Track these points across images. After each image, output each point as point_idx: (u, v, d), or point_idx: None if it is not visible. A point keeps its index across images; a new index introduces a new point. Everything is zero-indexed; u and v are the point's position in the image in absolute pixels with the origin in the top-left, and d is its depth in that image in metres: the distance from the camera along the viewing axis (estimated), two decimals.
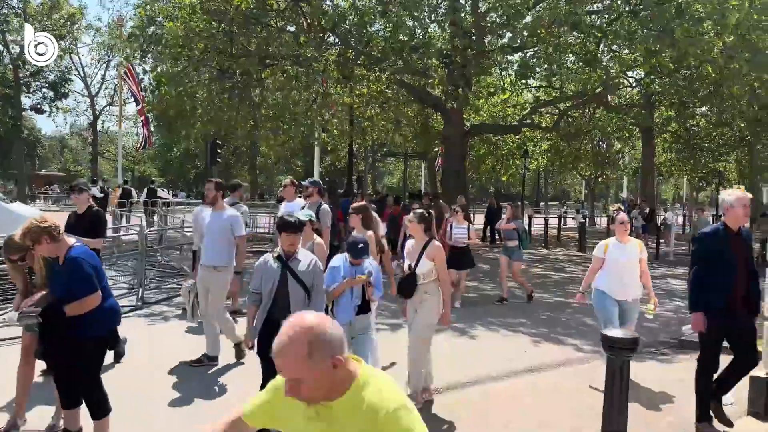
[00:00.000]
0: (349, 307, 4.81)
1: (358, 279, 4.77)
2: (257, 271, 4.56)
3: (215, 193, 6.37)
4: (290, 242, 4.44)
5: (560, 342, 7.95)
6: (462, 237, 9.70)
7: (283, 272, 4.42)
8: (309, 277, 4.42)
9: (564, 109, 20.24)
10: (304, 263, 4.47)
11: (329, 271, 4.90)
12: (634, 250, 6.30)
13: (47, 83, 41.26)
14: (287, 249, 4.46)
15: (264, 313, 4.46)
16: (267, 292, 4.45)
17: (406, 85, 19.93)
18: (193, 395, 5.54)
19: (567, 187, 75.88)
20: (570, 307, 10.34)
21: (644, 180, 30.23)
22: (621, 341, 3.87)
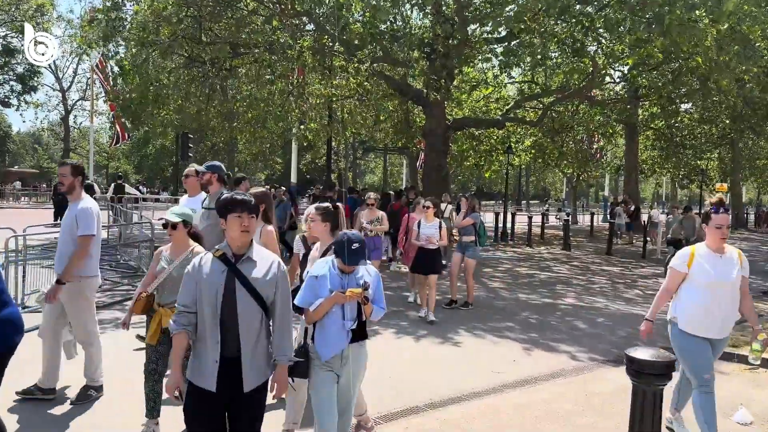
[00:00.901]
0: (339, 333, 3.44)
1: (352, 293, 3.39)
2: (187, 278, 3.11)
3: (72, 180, 5.00)
4: (243, 231, 3.05)
5: (552, 349, 7.25)
6: (432, 237, 8.43)
7: (229, 280, 3.01)
8: (269, 286, 3.07)
9: (548, 104, 19.61)
10: (262, 266, 3.08)
11: (308, 283, 3.55)
12: (733, 264, 4.33)
13: (15, 75, 39.75)
14: (236, 244, 3.08)
15: (203, 343, 3.03)
16: (207, 312, 3.00)
17: (386, 77, 19.16)
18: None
19: (548, 185, 75.69)
20: (559, 309, 9.69)
21: (628, 177, 29.87)
22: (653, 365, 3.08)
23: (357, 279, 3.50)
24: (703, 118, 27.23)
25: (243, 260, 3.06)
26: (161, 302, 4.26)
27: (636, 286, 12.57)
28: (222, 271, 3.02)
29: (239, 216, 3.01)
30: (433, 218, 8.60)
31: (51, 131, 56.86)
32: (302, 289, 3.55)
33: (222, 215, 3.07)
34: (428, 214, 8.61)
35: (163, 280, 4.24)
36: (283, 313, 3.11)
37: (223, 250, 3.09)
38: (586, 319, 9.03)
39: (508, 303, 9.92)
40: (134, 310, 4.29)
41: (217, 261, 3.07)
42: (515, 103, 20.54)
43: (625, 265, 16.17)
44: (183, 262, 4.14)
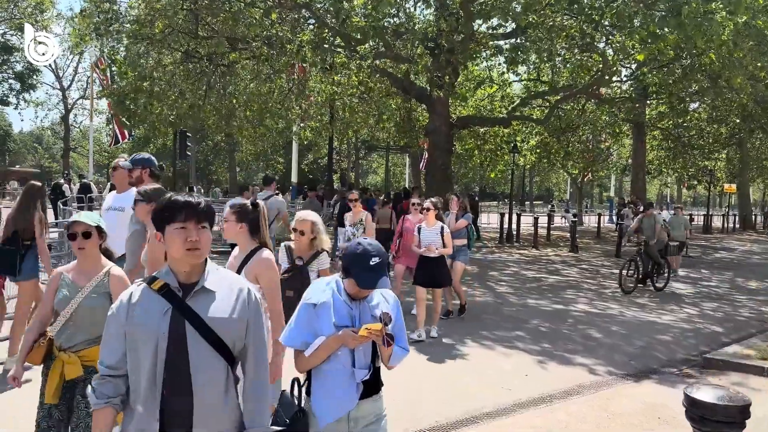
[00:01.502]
0: (346, 387, 2.47)
1: (369, 331, 2.39)
2: (112, 325, 2.12)
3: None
4: (190, 249, 2.08)
5: (567, 361, 6.71)
6: (434, 243, 7.41)
7: (175, 324, 2.05)
8: (235, 327, 2.12)
9: (555, 102, 19.05)
10: (224, 298, 2.13)
11: (302, 313, 2.54)
12: None
13: (14, 74, 39.30)
14: (182, 269, 2.12)
15: (137, 419, 2.07)
16: (144, 372, 2.04)
17: (388, 75, 18.63)
18: None
19: (552, 186, 75.08)
20: (571, 316, 9.15)
21: (635, 178, 29.29)
22: (725, 411, 2.45)
23: (372, 308, 2.51)
24: (711, 117, 26.68)
25: (195, 292, 2.08)
26: (64, 346, 3.11)
27: (647, 289, 12.01)
28: (164, 311, 2.04)
29: (183, 227, 2.04)
30: (434, 222, 7.56)
31: (51, 130, 56.52)
32: (293, 321, 2.57)
33: (159, 227, 2.10)
34: (429, 217, 7.55)
35: (69, 316, 3.11)
36: (258, 364, 2.16)
37: (163, 279, 2.08)
38: (600, 327, 8.49)
39: (517, 309, 9.38)
40: (30, 360, 3.16)
41: (155, 296, 2.06)
42: (521, 101, 20.00)
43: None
44: (97, 288, 3.13)
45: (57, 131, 53.92)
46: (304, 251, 4.54)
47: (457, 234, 8.37)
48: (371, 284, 2.43)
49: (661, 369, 6.73)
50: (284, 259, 4.51)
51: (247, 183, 9.01)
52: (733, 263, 17.94)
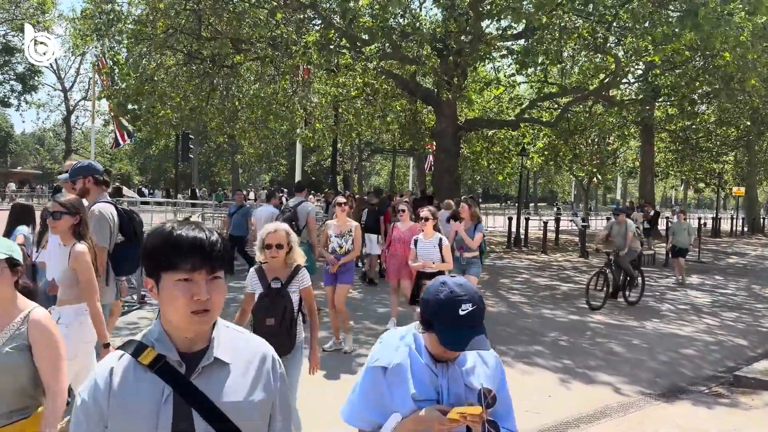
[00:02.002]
0: None
1: (463, 416, 1.75)
2: (81, 420, 1.49)
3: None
4: (197, 311, 1.46)
5: (590, 380, 6.36)
6: (431, 257, 6.70)
7: (179, 413, 1.46)
8: (258, 412, 1.56)
9: (566, 103, 18.71)
10: (241, 372, 1.55)
11: (368, 381, 1.92)
12: None
13: (15, 75, 39.07)
14: (184, 334, 1.51)
15: None
16: None
17: (394, 76, 18.31)
18: None
19: (556, 188, 74.71)
20: (589, 328, 8.79)
21: (643, 180, 28.91)
22: None
23: (465, 374, 1.87)
24: (721, 119, 26.33)
25: (204, 368, 1.50)
26: None
27: (665, 299, 11.66)
28: (162, 397, 1.46)
29: (188, 279, 1.44)
30: (432, 233, 6.86)
31: (53, 132, 56.28)
32: (356, 391, 1.96)
33: (151, 272, 1.48)
34: (426, 227, 6.85)
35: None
36: None
37: (156, 348, 1.49)
38: (621, 340, 8.13)
39: (533, 321, 9.03)
40: None
41: (147, 375, 1.47)
42: (530, 103, 19.65)
43: (649, 275, 15.19)
44: (12, 339, 2.31)
45: (59, 133, 53.66)
46: (279, 270, 3.88)
47: (463, 244, 7.95)
48: (461, 344, 1.75)
49: (689, 387, 6.38)
50: (256, 283, 3.89)
51: (301, 184, 8.79)
52: (747, 269, 17.56)
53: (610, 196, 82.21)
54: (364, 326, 8.28)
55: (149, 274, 1.50)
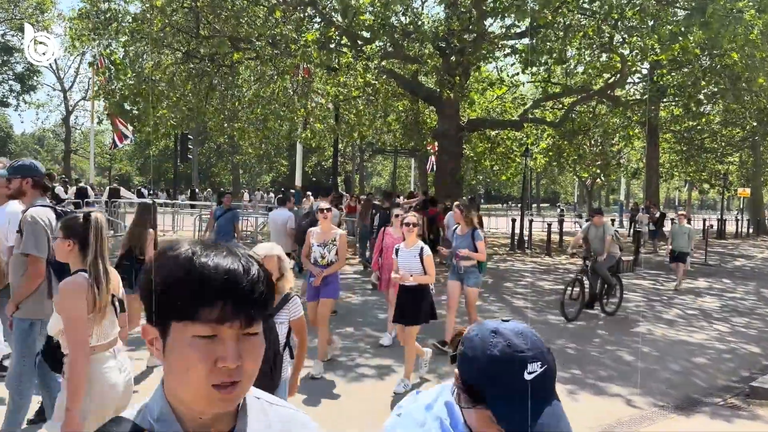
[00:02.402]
0: None
1: None
2: None
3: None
4: (221, 385, 0.96)
5: (600, 391, 6.07)
6: (411, 269, 5.83)
7: None
8: None
9: (571, 104, 18.44)
10: None
11: None
12: None
13: (14, 75, 38.82)
14: (203, 415, 1.00)
15: None
16: None
17: (396, 76, 18.04)
18: None
19: (558, 189, 74.37)
20: (597, 335, 8.50)
21: (648, 181, 28.61)
22: None
23: None
24: (726, 119, 26.04)
25: None
26: None
27: (673, 304, 11.37)
28: None
29: (210, 335, 0.95)
30: (414, 241, 5.93)
31: (53, 132, 56.06)
32: None
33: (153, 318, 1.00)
34: (410, 235, 5.93)
35: None
36: None
37: (155, 430, 1.01)
38: (631, 348, 7.84)
39: (539, 327, 8.67)
40: None
41: None
42: (534, 103, 19.38)
43: (655, 278, 14.94)
44: None
45: (58, 133, 53.45)
46: None
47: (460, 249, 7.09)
48: (527, 424, 1.19)
49: (703, 399, 6.09)
50: None
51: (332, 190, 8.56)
52: (755, 272, 17.26)
53: (612, 197, 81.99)
54: (364, 333, 8.00)
55: (150, 319, 1.00)
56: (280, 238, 8.91)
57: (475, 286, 7.21)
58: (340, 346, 6.92)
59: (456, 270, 7.24)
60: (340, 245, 6.26)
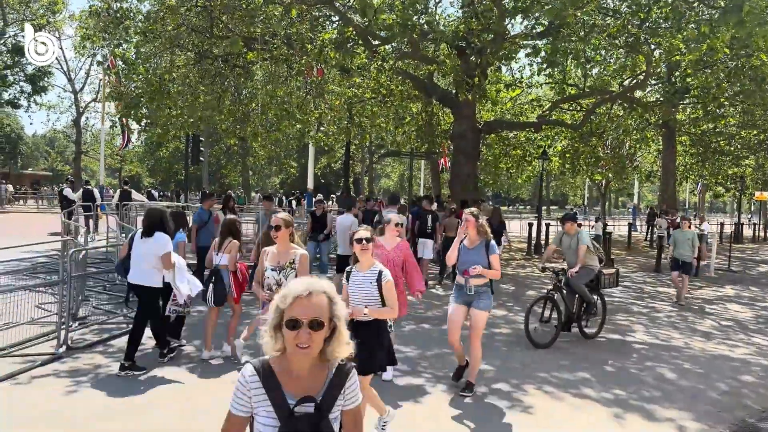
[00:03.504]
0: None
1: None
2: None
3: None
4: None
5: (648, 414, 5.65)
6: (365, 298, 4.45)
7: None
8: None
9: (592, 105, 17.97)
10: None
11: None
12: None
13: (25, 76, 38.71)
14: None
15: None
16: None
17: (410, 77, 17.65)
18: None
19: (568, 191, 73.74)
20: (633, 349, 8.07)
21: (665, 184, 28.07)
22: None
23: None
24: (744, 121, 25.48)
25: None
26: None
27: (706, 314, 10.92)
28: None
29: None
30: (370, 263, 4.54)
31: (63, 134, 56.05)
32: None
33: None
34: (364, 254, 4.52)
35: None
36: None
37: None
38: (672, 364, 7.41)
39: (570, 340, 8.30)
40: None
41: None
42: (552, 104, 18.94)
43: None
44: None
45: (69, 134, 53.40)
46: (311, 374, 2.03)
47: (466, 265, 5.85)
48: None
49: (759, 425, 5.65)
50: (260, 398, 1.98)
51: (396, 196, 8.54)
52: None
53: (621, 199, 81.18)
54: None
55: None
56: (347, 242, 9.38)
57: (486, 309, 5.89)
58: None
59: (464, 291, 5.91)
60: (300, 269, 4.97)
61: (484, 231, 6.00)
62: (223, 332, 6.99)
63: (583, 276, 8.29)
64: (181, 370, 6.29)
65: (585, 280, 8.32)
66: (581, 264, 8.19)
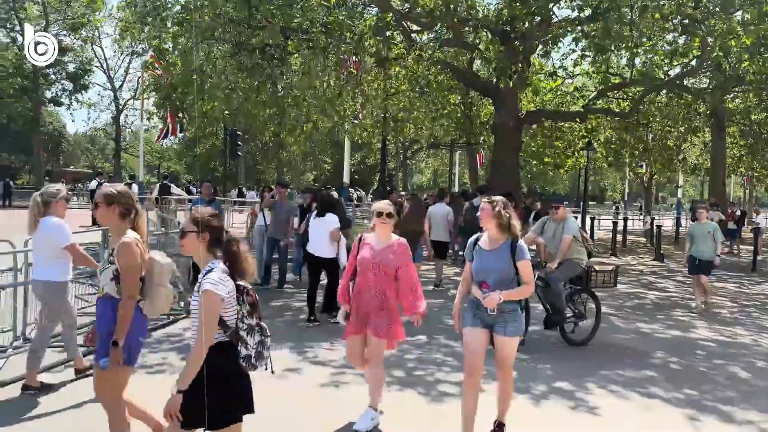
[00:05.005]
0: None
1: None
2: None
3: None
4: None
5: (726, 417, 5.16)
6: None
7: None
8: None
9: (642, 93, 17.22)
10: None
11: None
12: None
13: (66, 74, 39.48)
14: None
15: None
16: None
17: (450, 67, 17.19)
18: None
19: (608, 186, 72.03)
20: (698, 346, 7.53)
21: (714, 177, 26.91)
22: None
23: None
24: None
25: None
26: None
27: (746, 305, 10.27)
28: None
29: None
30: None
31: (104, 131, 57.04)
32: None
33: None
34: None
35: None
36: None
37: None
38: (743, 362, 6.87)
39: (630, 338, 7.81)
40: None
41: None
42: (598, 93, 18.24)
43: (738, 281, 13.75)
44: None
45: (109, 132, 54.37)
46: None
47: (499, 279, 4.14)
48: None
49: None
50: None
51: (484, 186, 8.67)
52: None
53: (662, 195, 78.82)
54: (439, 343, 7.21)
55: None
56: (440, 230, 10.25)
57: (516, 334, 4.22)
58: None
59: (482, 311, 4.18)
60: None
61: (508, 226, 4.16)
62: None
63: (564, 271, 7.00)
64: None
65: (566, 276, 7.06)
66: (563, 257, 6.94)
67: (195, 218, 3.13)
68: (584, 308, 7.35)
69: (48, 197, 4.96)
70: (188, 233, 3.14)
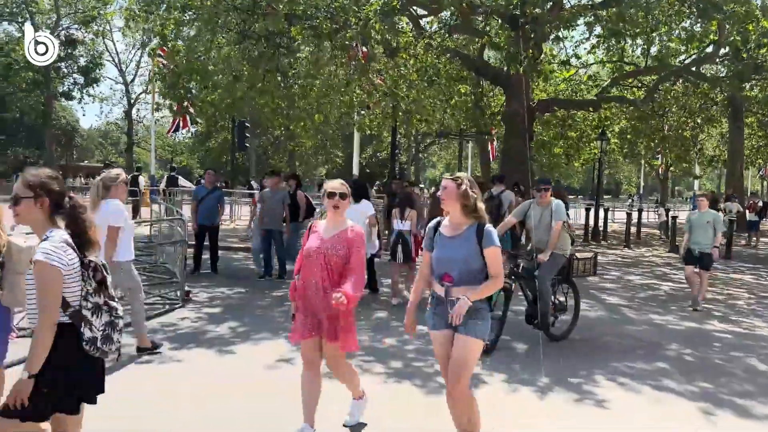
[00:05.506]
0: None
1: None
2: None
3: None
4: None
5: (743, 411, 4.86)
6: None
7: None
8: None
9: (656, 80, 16.77)
10: None
11: None
12: None
13: (78, 68, 39.57)
14: None
15: None
16: None
17: (460, 55, 16.85)
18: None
19: (622, 178, 71.17)
20: (714, 338, 7.22)
21: (732, 168, 26.36)
22: None
23: None
24: None
25: None
26: None
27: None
28: None
29: None
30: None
31: (116, 125, 57.29)
32: None
33: None
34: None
35: None
36: None
37: None
38: (762, 354, 6.56)
39: (643, 329, 7.50)
40: None
41: None
42: (612, 81, 17.80)
43: (756, 272, 13.35)
44: None
45: (121, 126, 54.60)
46: None
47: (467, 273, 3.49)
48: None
49: None
50: None
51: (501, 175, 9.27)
52: None
53: (678, 188, 77.76)
54: None
55: None
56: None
57: (481, 336, 3.53)
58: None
59: (445, 306, 3.54)
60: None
61: (474, 207, 3.51)
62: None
63: (552, 266, 6.37)
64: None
65: (554, 271, 6.44)
66: (554, 247, 6.29)
67: (29, 182, 2.66)
68: (565, 299, 6.82)
69: (108, 182, 5.36)
70: (23, 199, 2.66)
